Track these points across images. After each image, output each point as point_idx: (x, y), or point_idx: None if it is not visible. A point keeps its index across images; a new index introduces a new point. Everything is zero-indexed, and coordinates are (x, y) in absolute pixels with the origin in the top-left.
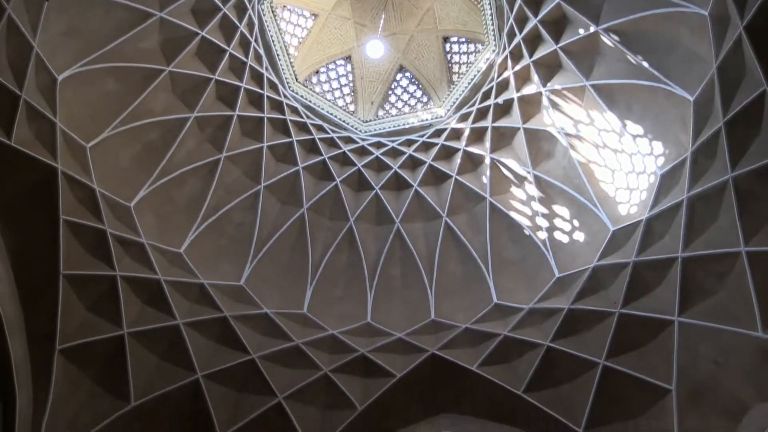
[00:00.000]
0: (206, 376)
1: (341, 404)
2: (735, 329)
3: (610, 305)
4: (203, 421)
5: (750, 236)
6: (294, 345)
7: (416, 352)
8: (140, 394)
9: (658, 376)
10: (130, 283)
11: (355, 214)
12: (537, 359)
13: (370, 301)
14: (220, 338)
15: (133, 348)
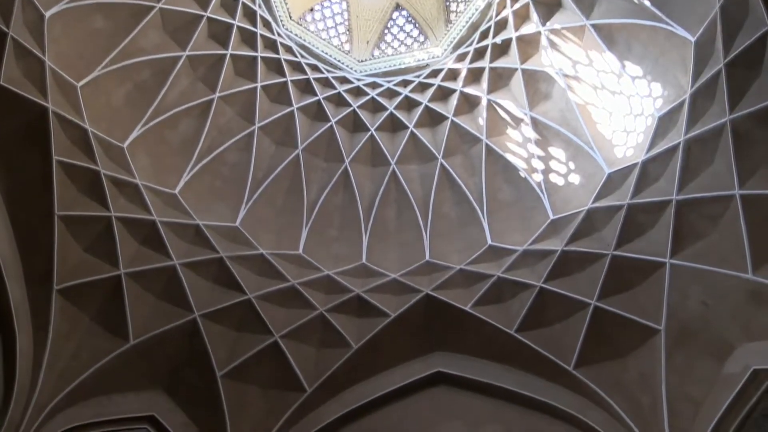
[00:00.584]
0: (203, 316)
1: (336, 343)
2: (725, 271)
3: (603, 247)
4: (201, 360)
5: (745, 179)
6: (290, 285)
7: (410, 293)
8: (138, 333)
9: (648, 317)
10: (126, 224)
11: (350, 155)
12: (529, 300)
13: (365, 242)
14: (217, 279)
15: (131, 288)
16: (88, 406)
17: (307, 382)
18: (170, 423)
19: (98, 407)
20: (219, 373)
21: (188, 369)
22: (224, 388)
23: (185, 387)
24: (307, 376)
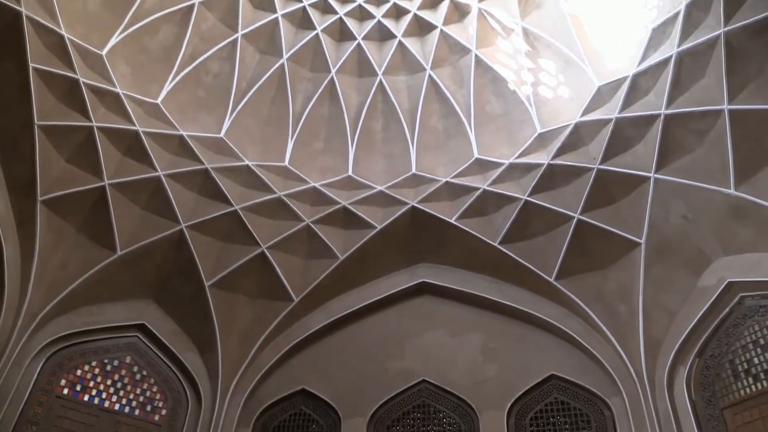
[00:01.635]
0: (190, 227)
1: (323, 254)
2: (708, 186)
3: (589, 161)
4: (189, 270)
5: (734, 94)
6: (276, 197)
7: (396, 205)
8: (125, 243)
9: (630, 230)
10: (108, 135)
11: (336, 65)
12: (514, 213)
13: (351, 154)
14: (202, 190)
15: (116, 199)
16: (79, 314)
17: (294, 292)
18: (160, 331)
19: (88, 316)
20: (207, 283)
21: (176, 279)
22: (212, 298)
23: (174, 296)
24: (294, 286)
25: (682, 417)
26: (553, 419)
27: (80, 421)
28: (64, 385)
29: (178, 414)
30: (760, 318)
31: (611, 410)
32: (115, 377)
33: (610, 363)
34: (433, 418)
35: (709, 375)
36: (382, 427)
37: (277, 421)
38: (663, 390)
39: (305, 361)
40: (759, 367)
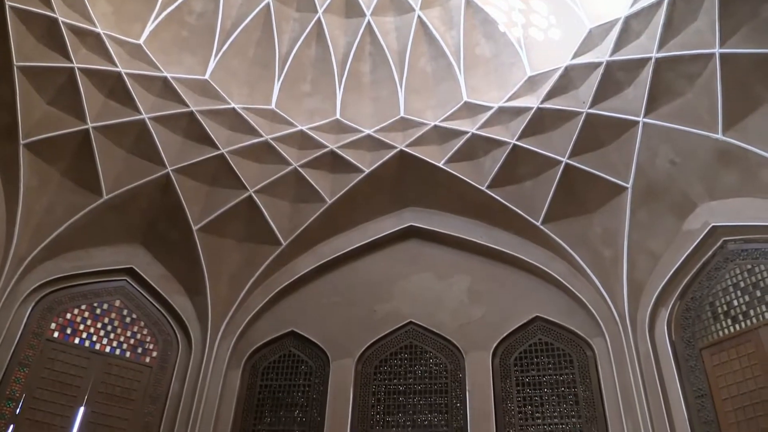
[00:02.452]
0: (176, 171)
1: (311, 198)
2: (696, 131)
3: (578, 105)
4: (176, 214)
5: (726, 38)
6: (263, 140)
7: (384, 149)
8: (111, 188)
9: (617, 175)
10: (90, 76)
11: (323, 5)
12: (502, 157)
13: (338, 97)
14: (188, 133)
15: (100, 142)
16: (67, 259)
17: (282, 236)
18: (149, 275)
19: (76, 260)
20: (195, 227)
21: (164, 223)
22: (200, 241)
23: (162, 240)
24: (282, 230)
25: (662, 357)
26: (537, 359)
27: (72, 363)
28: (55, 328)
29: (168, 356)
30: (742, 261)
31: (593, 350)
32: (105, 320)
33: (594, 305)
34: (420, 358)
35: (689, 317)
36: (369, 368)
37: (267, 362)
38: (644, 331)
39: (294, 303)
40: (738, 309)
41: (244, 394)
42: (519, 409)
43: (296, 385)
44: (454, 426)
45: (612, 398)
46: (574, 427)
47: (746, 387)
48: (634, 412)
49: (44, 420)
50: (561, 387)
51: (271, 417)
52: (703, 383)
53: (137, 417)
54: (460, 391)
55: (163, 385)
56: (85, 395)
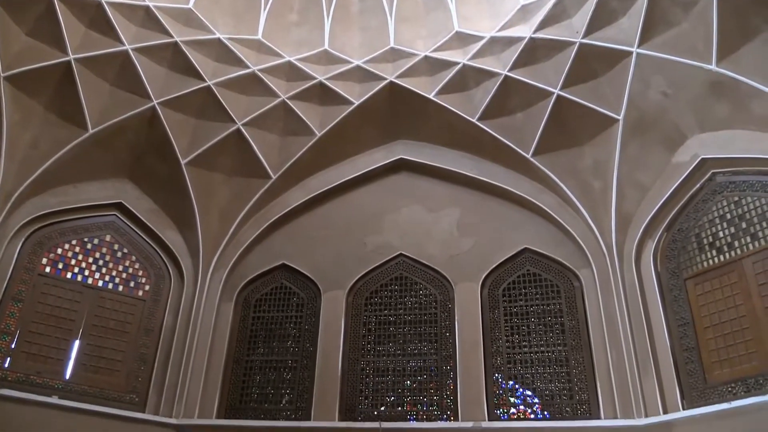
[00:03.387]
0: (162, 104)
1: (300, 131)
2: (689, 61)
3: (571, 35)
4: (164, 147)
5: None
6: (250, 72)
7: (374, 80)
8: (96, 122)
9: (608, 107)
10: (69, 5)
11: None
12: (493, 88)
13: (327, 28)
14: (173, 65)
15: (82, 74)
16: (54, 194)
17: (271, 169)
18: (138, 209)
19: (64, 195)
20: (183, 161)
21: (151, 157)
22: (189, 176)
23: (150, 175)
24: (271, 163)
25: (647, 287)
26: (524, 290)
27: (65, 297)
28: (46, 263)
29: (161, 289)
30: (729, 194)
31: (580, 281)
32: (96, 255)
33: (582, 237)
34: (410, 289)
35: (675, 248)
36: (360, 299)
37: (259, 295)
38: (631, 262)
39: (285, 236)
40: (723, 240)
41: (237, 326)
42: (506, 338)
43: (288, 316)
44: (443, 354)
45: (597, 327)
46: (559, 355)
47: (727, 316)
48: (618, 340)
49: (40, 353)
50: (548, 317)
51: (264, 348)
52: (686, 312)
53: (132, 349)
54: (449, 321)
55: (157, 318)
56: (80, 329)
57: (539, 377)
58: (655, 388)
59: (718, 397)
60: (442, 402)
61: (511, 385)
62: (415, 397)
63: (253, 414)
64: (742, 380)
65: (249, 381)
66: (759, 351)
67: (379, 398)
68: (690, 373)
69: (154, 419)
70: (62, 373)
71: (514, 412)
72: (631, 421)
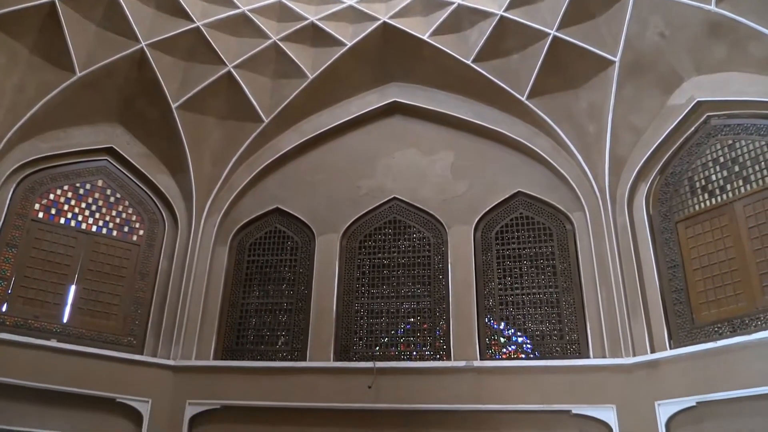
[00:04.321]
0: (150, 46)
1: (292, 73)
2: (688, 1)
3: None
4: (153, 91)
5: None
6: (240, 12)
7: (367, 21)
8: (84, 64)
9: (605, 48)
10: None
11: None
12: (489, 29)
13: None
14: (160, 5)
15: (68, 16)
16: (44, 140)
17: (263, 113)
18: (130, 154)
19: (54, 141)
20: (174, 105)
21: (141, 101)
22: (180, 119)
23: (141, 119)
24: (263, 106)
25: (639, 230)
26: (517, 233)
27: (59, 243)
28: (39, 209)
29: (155, 234)
30: (723, 137)
31: (573, 224)
32: (89, 200)
33: (575, 180)
34: (404, 233)
35: (667, 191)
36: (354, 242)
37: (253, 239)
38: (623, 205)
39: (278, 181)
40: (715, 183)
41: (232, 270)
42: (499, 281)
43: (283, 260)
44: (437, 296)
45: (588, 269)
46: (551, 297)
47: (717, 258)
48: (609, 282)
49: (37, 297)
50: (540, 259)
51: (259, 291)
52: (676, 255)
53: (128, 293)
54: (443, 264)
55: (152, 263)
56: (75, 273)
57: (530, 318)
58: (643, 328)
59: (704, 336)
60: (435, 343)
61: (503, 326)
62: (408, 338)
63: (250, 355)
64: (729, 321)
65: (245, 324)
66: (746, 292)
67: (373, 339)
68: (678, 313)
69: (153, 361)
70: (60, 317)
71: (505, 352)
72: (619, 360)
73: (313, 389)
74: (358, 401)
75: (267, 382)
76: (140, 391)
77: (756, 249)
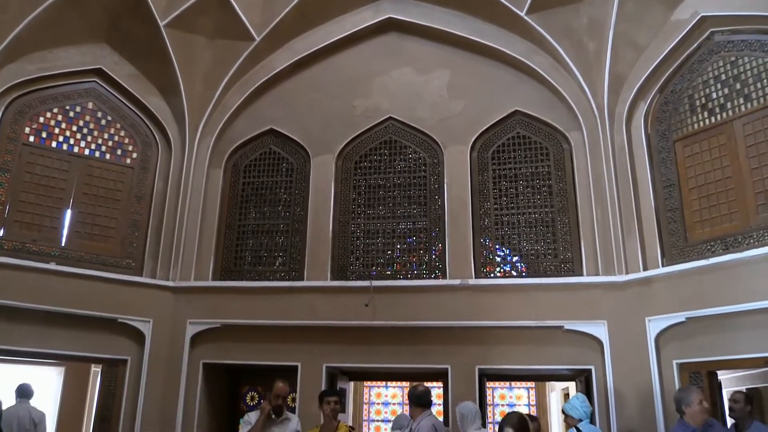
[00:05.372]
0: None
1: None
2: None
3: None
4: (140, 9)
5: None
6: None
7: None
8: None
9: None
10: None
11: None
12: None
13: None
14: None
15: None
16: (31, 61)
17: (255, 31)
18: (119, 75)
19: (41, 62)
20: (162, 23)
21: (128, 20)
22: (169, 39)
23: (128, 39)
24: (254, 23)
25: (636, 149)
26: (514, 153)
27: (52, 167)
28: (29, 132)
29: (149, 157)
30: (726, 54)
31: (570, 144)
32: (80, 123)
33: (574, 99)
34: (399, 153)
35: (667, 110)
36: (350, 163)
37: (248, 160)
38: (621, 124)
39: (272, 101)
40: (716, 102)
41: (227, 192)
42: (495, 201)
43: (278, 181)
44: (432, 217)
45: (584, 189)
46: (546, 216)
47: (713, 177)
48: (604, 202)
49: (34, 222)
50: (536, 179)
51: (255, 213)
52: (672, 174)
53: (125, 216)
54: (439, 184)
55: (147, 186)
56: (70, 198)
57: (525, 238)
58: (637, 247)
59: (697, 254)
60: (430, 262)
61: (498, 245)
62: (404, 258)
63: (248, 276)
64: (722, 238)
65: (242, 245)
66: (740, 210)
67: (369, 259)
68: (672, 232)
69: (153, 282)
70: (58, 241)
71: (500, 271)
72: (612, 278)
73: (311, 308)
74: (355, 319)
75: (266, 301)
76: (141, 311)
77: (753, 168)
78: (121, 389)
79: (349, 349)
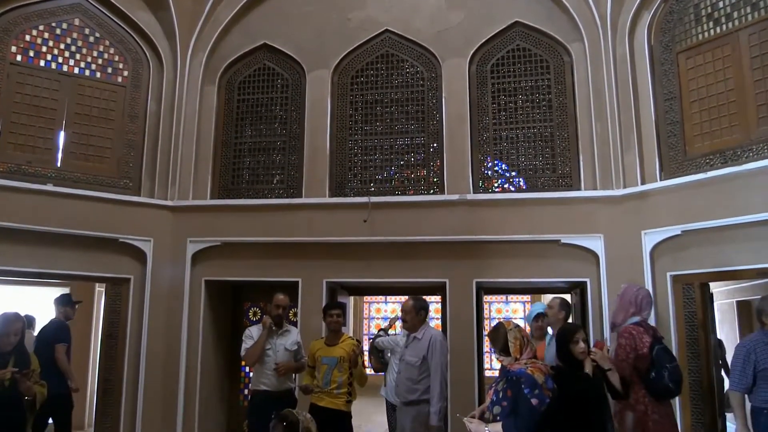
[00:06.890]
0: None
1: None
2: None
3: None
4: None
5: None
6: None
7: None
8: None
9: None
10: None
11: None
12: None
13: None
14: None
15: None
16: None
17: None
18: None
19: None
20: None
21: None
22: None
23: None
24: None
25: (638, 61)
26: (513, 66)
27: (42, 86)
28: (16, 51)
29: (140, 75)
30: None
31: (571, 56)
32: (68, 41)
33: (576, 8)
34: (396, 67)
35: (671, 20)
36: (346, 78)
37: (242, 77)
38: (624, 35)
39: (264, 15)
40: (722, 11)
41: (222, 110)
42: (493, 116)
43: (274, 98)
44: (430, 132)
45: (584, 103)
46: (545, 131)
47: (715, 89)
48: (604, 115)
49: (27, 143)
50: (536, 93)
51: (252, 130)
52: (674, 86)
53: (119, 136)
54: (437, 99)
55: (140, 104)
56: (63, 118)
57: (524, 153)
58: (635, 160)
59: (695, 168)
60: (429, 178)
61: (497, 160)
62: (402, 174)
63: (246, 194)
64: (721, 152)
65: (239, 163)
66: (741, 124)
67: (367, 176)
68: (671, 146)
69: (151, 202)
70: (53, 162)
71: (497, 186)
72: (609, 192)
73: (310, 224)
74: (354, 235)
75: (264, 218)
76: (141, 230)
77: (756, 80)
78: (126, 307)
79: (349, 264)
